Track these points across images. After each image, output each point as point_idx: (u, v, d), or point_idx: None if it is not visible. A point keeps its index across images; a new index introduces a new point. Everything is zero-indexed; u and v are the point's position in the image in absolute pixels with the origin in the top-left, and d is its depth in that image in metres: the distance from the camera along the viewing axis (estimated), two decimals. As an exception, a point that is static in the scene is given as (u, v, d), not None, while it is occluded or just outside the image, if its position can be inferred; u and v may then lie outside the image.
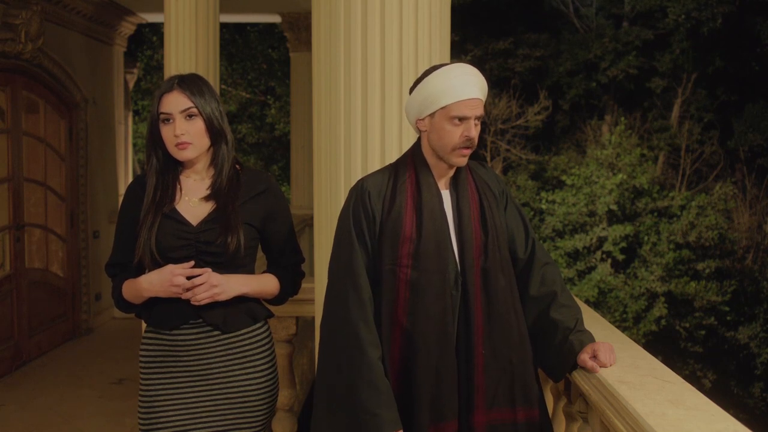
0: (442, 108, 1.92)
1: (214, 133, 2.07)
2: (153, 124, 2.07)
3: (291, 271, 2.22)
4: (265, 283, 2.14)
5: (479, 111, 1.93)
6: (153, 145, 2.08)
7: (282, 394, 3.41)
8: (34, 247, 6.06)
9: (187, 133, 2.02)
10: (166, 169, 2.09)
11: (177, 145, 2.02)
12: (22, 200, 5.82)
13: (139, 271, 2.09)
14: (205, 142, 2.06)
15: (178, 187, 2.10)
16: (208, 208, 2.07)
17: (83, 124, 6.79)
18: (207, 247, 2.02)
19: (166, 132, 2.04)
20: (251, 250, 2.12)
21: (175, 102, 2.02)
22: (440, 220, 1.96)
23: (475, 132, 1.93)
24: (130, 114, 8.52)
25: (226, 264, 2.04)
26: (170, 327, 2.05)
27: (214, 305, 2.03)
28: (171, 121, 2.03)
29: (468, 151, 1.94)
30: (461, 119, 1.91)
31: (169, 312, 2.04)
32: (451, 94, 1.90)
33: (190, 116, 2.03)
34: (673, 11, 15.41)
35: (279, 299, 2.21)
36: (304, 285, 2.32)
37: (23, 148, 5.84)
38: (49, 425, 4.49)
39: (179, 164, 2.11)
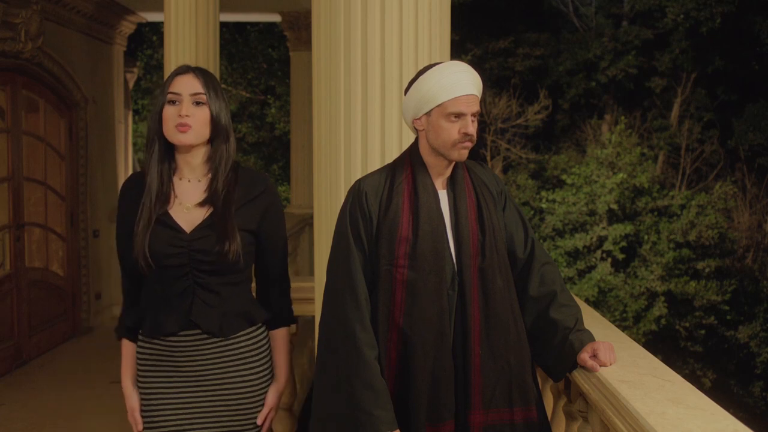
0: (438, 106, 1.92)
1: (217, 127, 1.99)
2: (161, 106, 1.97)
3: (283, 297, 2.19)
4: (285, 347, 2.21)
5: (475, 107, 1.93)
6: (158, 132, 1.98)
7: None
8: (34, 247, 6.06)
9: (192, 116, 1.94)
10: (162, 160, 2.01)
11: (178, 125, 1.93)
12: (22, 199, 5.81)
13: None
14: (206, 132, 1.98)
15: (172, 187, 2.02)
16: (202, 213, 1.99)
17: (83, 123, 6.78)
18: (201, 255, 1.96)
19: (169, 112, 1.94)
20: (248, 256, 2.05)
21: (188, 84, 1.96)
22: (437, 221, 1.95)
23: (472, 128, 1.92)
24: (130, 113, 8.51)
25: (223, 271, 1.99)
26: (165, 335, 2.00)
27: (209, 312, 1.99)
28: (177, 103, 1.95)
29: (468, 145, 1.94)
30: (457, 116, 1.91)
31: (162, 322, 1.99)
32: (446, 92, 1.91)
33: (198, 103, 1.96)
34: (672, 11, 15.42)
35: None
36: (303, 284, 2.33)
37: (23, 147, 5.83)
38: (49, 425, 4.48)
39: (173, 160, 2.03)
